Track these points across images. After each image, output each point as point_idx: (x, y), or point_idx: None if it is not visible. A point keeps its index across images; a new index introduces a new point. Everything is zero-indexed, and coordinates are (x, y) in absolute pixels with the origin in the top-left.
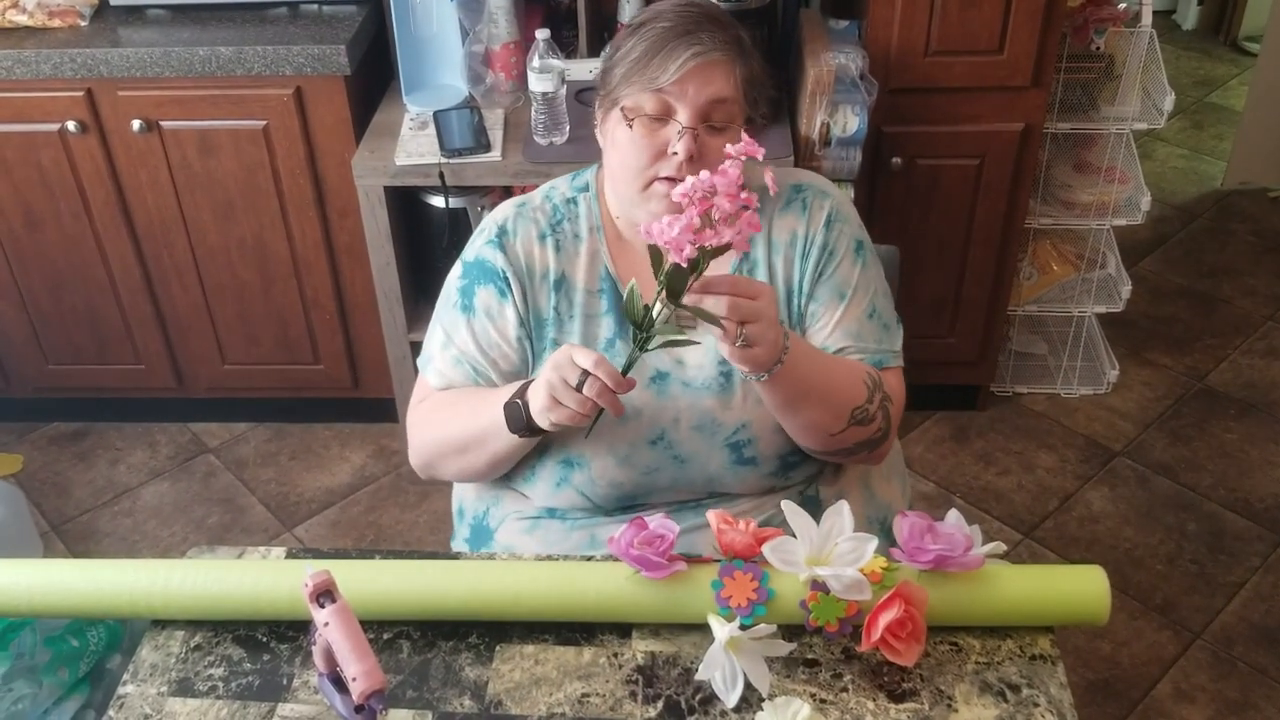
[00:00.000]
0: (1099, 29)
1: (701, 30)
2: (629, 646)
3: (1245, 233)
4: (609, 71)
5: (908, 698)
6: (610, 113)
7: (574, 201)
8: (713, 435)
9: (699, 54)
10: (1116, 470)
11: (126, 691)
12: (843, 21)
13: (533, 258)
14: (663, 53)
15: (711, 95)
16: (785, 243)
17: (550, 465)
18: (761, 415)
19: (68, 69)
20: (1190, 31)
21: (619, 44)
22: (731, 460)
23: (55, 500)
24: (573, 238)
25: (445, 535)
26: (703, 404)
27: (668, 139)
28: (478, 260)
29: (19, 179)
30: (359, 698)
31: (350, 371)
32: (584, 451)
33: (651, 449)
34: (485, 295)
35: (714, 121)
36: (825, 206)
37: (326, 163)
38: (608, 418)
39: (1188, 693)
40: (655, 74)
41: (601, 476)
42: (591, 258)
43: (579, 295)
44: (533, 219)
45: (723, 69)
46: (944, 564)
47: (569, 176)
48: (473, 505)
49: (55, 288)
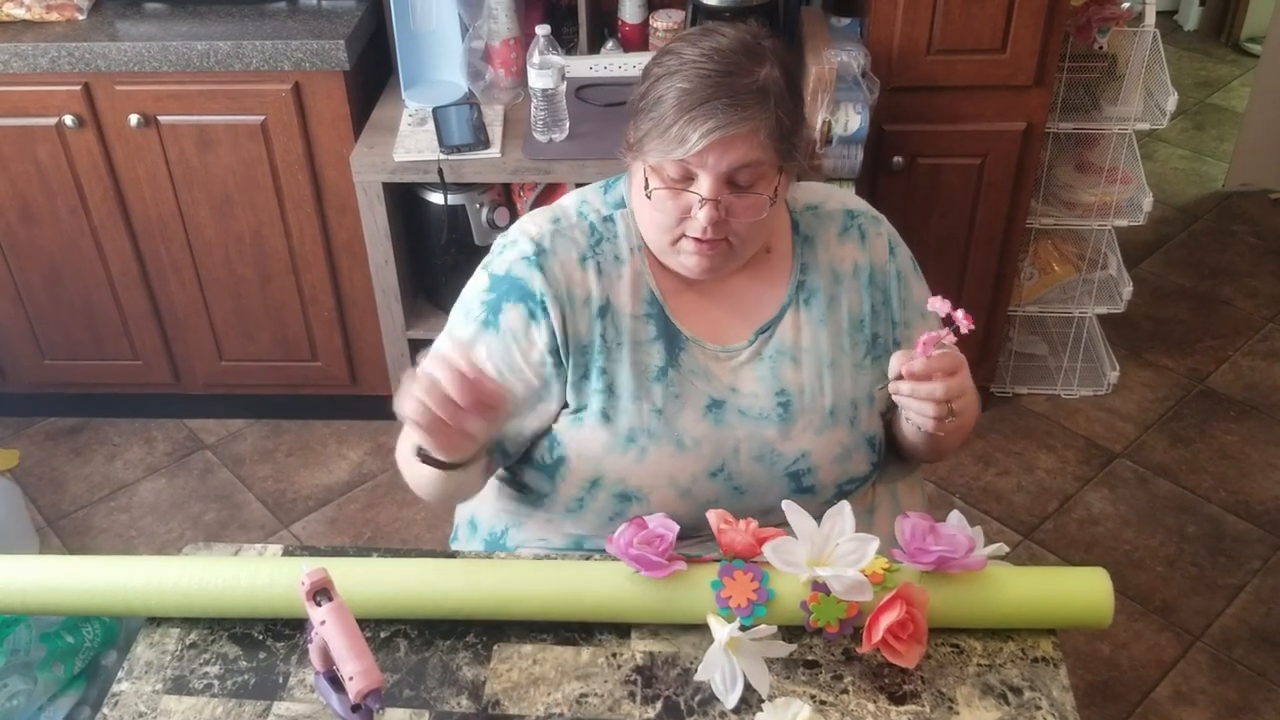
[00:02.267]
0: (1102, 28)
1: (720, 97)
2: (628, 646)
3: (1246, 234)
4: (636, 116)
5: (909, 700)
6: (635, 161)
7: (611, 220)
8: (773, 465)
9: (714, 129)
10: (1117, 472)
11: (121, 689)
12: (844, 19)
13: (574, 282)
14: (680, 123)
15: (733, 163)
16: (849, 273)
17: (604, 498)
18: (821, 444)
19: (65, 63)
20: (1192, 32)
21: (647, 86)
22: (790, 490)
23: (51, 495)
24: (614, 260)
25: (443, 533)
26: (763, 434)
27: (690, 202)
28: (509, 276)
29: (16, 173)
30: (355, 697)
31: (348, 368)
32: (642, 485)
33: (711, 480)
34: (513, 314)
35: (739, 182)
36: (883, 234)
37: (325, 159)
38: (668, 448)
39: (1187, 695)
40: (672, 146)
41: (661, 509)
42: (635, 279)
43: (626, 321)
44: (571, 239)
45: (743, 138)
46: (946, 565)
47: (599, 188)
48: (489, 521)
49: (52, 283)
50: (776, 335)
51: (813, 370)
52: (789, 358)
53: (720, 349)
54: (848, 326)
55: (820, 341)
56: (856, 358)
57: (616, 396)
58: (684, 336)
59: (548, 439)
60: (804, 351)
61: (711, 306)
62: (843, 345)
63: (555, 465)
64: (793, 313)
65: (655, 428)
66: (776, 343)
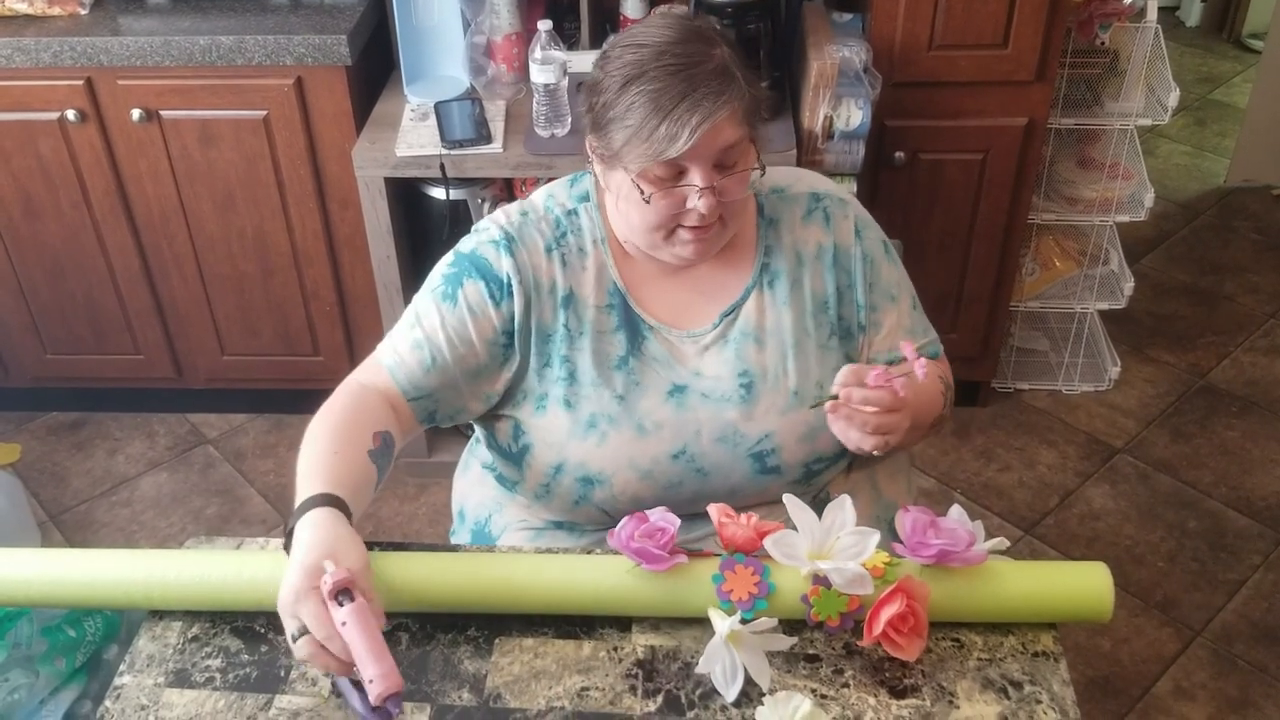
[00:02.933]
0: (1104, 24)
1: (698, 86)
2: (629, 640)
3: (1248, 230)
4: (603, 128)
5: (909, 693)
6: (613, 169)
7: (575, 213)
8: (735, 446)
9: (703, 120)
10: (1117, 467)
11: (123, 682)
12: (846, 15)
13: (540, 271)
14: (666, 122)
15: (721, 146)
16: (812, 255)
17: (568, 483)
18: (785, 424)
19: (67, 57)
20: (1194, 28)
21: (606, 98)
22: (755, 470)
23: (53, 490)
24: (577, 251)
25: (444, 528)
26: (725, 415)
27: (684, 196)
28: (474, 254)
29: (18, 168)
30: (376, 700)
31: (350, 363)
32: (604, 468)
33: (674, 463)
34: (472, 289)
35: (725, 163)
36: (849, 215)
37: (327, 154)
38: (629, 433)
39: (1188, 690)
40: (663, 146)
41: (624, 492)
42: (599, 272)
43: (589, 312)
44: (539, 230)
45: (728, 119)
46: (946, 559)
47: (566, 182)
48: (474, 510)
49: (54, 277)
50: (741, 318)
51: (777, 351)
52: (753, 339)
53: (685, 334)
54: (811, 308)
55: (784, 323)
56: (821, 339)
57: (578, 384)
58: (647, 325)
59: (513, 427)
60: (768, 333)
61: (676, 293)
62: (807, 327)
63: (521, 453)
64: (756, 295)
65: (616, 413)
66: (741, 325)
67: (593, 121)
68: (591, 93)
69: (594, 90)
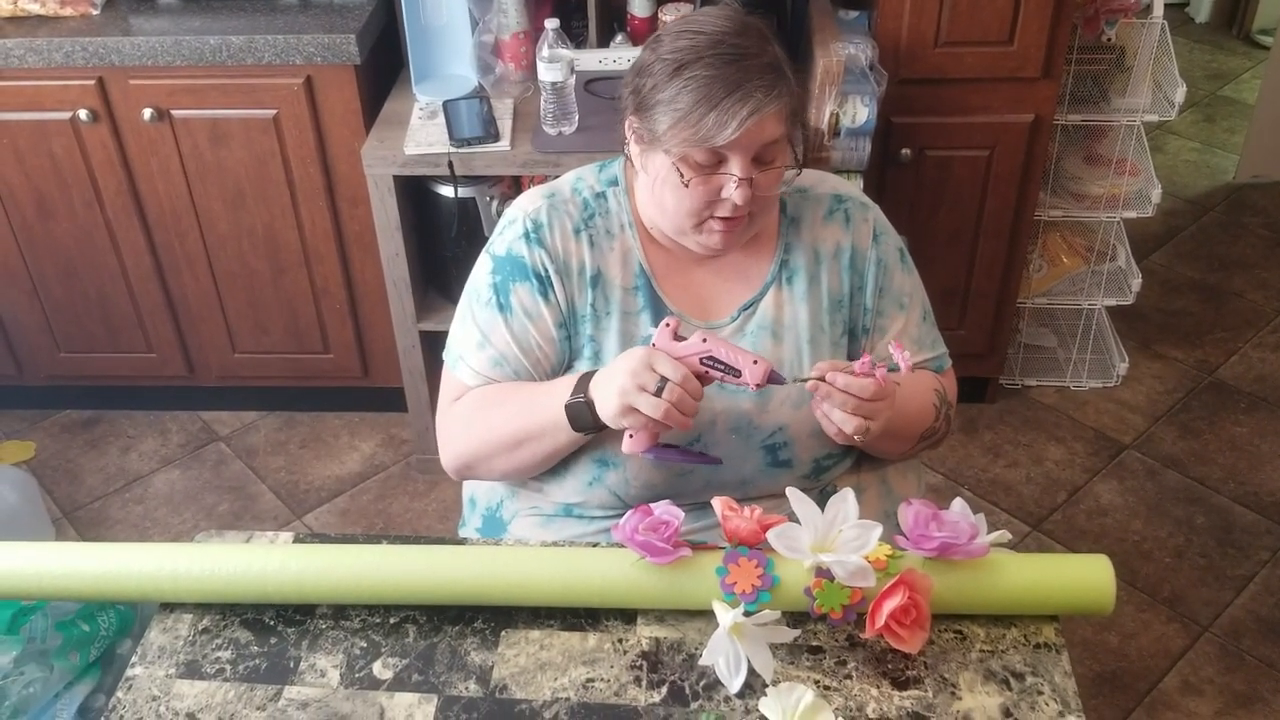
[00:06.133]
0: (1110, 20)
1: (750, 79)
2: (634, 632)
3: (1257, 226)
4: (648, 110)
5: (911, 685)
6: (652, 152)
7: (603, 196)
8: (749, 438)
9: (754, 111)
10: (1125, 463)
11: (135, 673)
12: (852, 12)
13: (569, 253)
14: (716, 110)
15: (764, 140)
16: (830, 253)
17: (584, 464)
18: (798, 418)
19: (79, 57)
20: (1203, 24)
21: (656, 80)
22: (766, 463)
23: (67, 487)
24: (605, 234)
25: (454, 524)
26: (740, 406)
27: (720, 184)
28: (510, 255)
29: (31, 167)
30: (762, 377)
31: (360, 360)
32: (618, 452)
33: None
34: (522, 293)
35: (764, 158)
36: (869, 219)
37: (336, 152)
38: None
39: (1195, 685)
40: (710, 133)
41: (636, 477)
42: (625, 254)
43: (616, 292)
44: (566, 212)
45: (774, 115)
46: (949, 552)
47: (595, 168)
48: (485, 497)
49: (67, 276)
50: (759, 311)
51: (793, 346)
52: (770, 333)
53: (704, 324)
54: (827, 305)
55: (801, 318)
56: (835, 336)
57: (602, 364)
58: (670, 310)
59: None
60: (785, 328)
61: (698, 283)
62: (822, 323)
63: None
64: (775, 290)
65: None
66: (759, 319)
67: (637, 103)
68: (639, 74)
69: (642, 72)
